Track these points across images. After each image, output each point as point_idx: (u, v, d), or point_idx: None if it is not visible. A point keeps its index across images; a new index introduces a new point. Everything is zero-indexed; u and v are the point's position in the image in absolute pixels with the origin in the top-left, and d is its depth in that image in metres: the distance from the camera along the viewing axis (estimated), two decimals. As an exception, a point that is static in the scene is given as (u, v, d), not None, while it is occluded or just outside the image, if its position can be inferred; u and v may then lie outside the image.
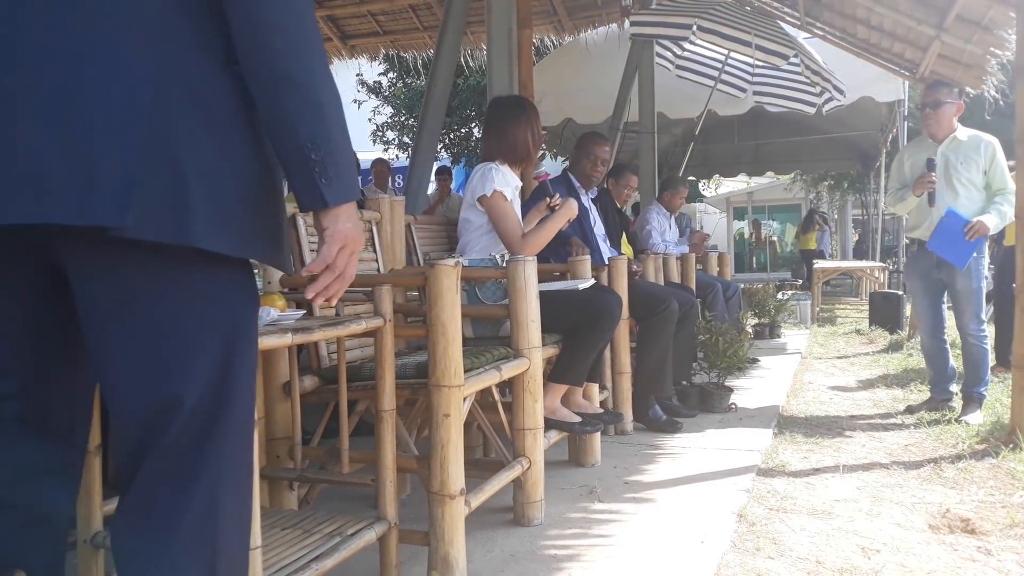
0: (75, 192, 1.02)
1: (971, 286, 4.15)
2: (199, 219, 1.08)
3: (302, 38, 1.13)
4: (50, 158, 1.03)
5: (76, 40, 1.05)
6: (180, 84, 1.09)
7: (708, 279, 5.55)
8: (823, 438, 3.76)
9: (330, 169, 1.14)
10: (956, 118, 4.20)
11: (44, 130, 1.03)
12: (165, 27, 1.10)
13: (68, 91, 1.04)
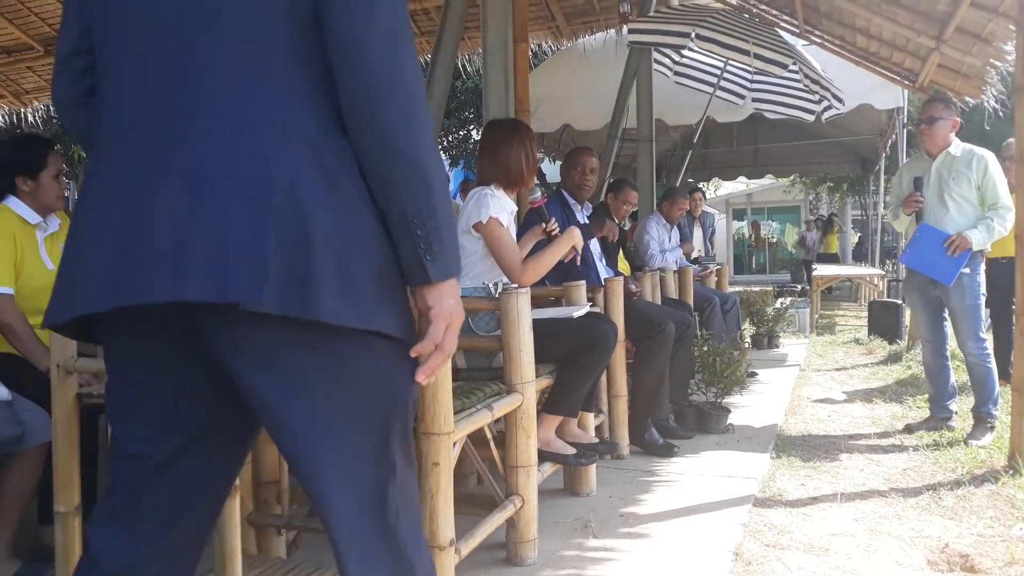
0: (211, 269, 1.02)
1: (965, 303, 4.11)
2: (326, 292, 1.06)
3: (411, 115, 1.11)
4: (186, 235, 1.04)
5: (205, 109, 1.08)
6: (305, 152, 1.09)
7: (705, 293, 5.51)
8: (821, 461, 3.73)
9: (435, 245, 1.12)
10: (952, 134, 4.18)
11: (179, 205, 1.04)
12: (288, 95, 1.11)
13: (200, 164, 1.06)
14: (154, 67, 1.11)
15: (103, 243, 1.08)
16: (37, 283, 2.78)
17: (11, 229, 2.71)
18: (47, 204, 2.84)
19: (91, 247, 1.09)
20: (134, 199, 1.07)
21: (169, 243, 1.03)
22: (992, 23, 4.76)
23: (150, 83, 1.11)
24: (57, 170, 2.87)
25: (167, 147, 1.07)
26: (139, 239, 1.05)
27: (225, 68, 1.09)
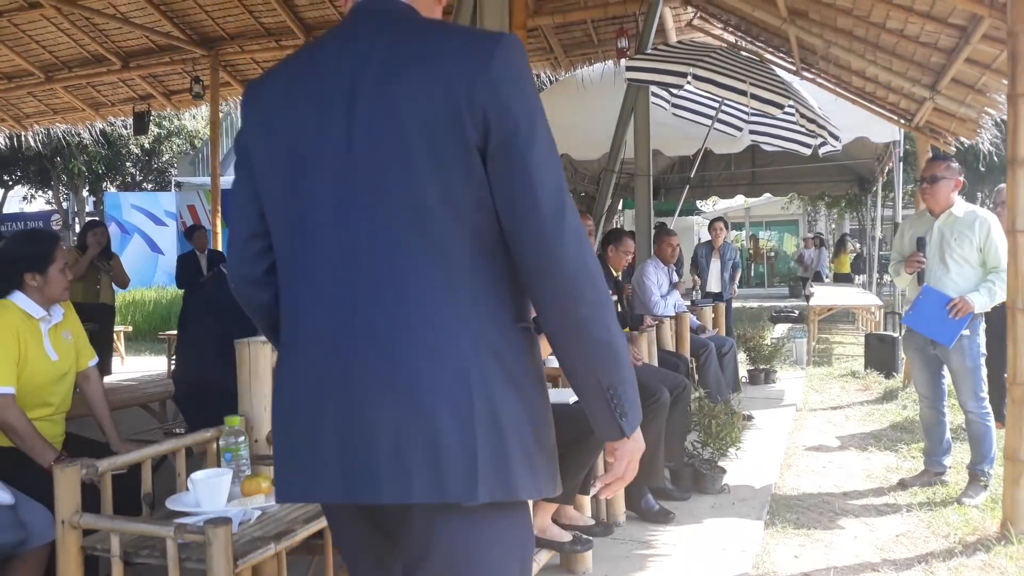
0: (431, 473, 1.18)
1: (965, 365, 4.15)
2: (518, 474, 1.22)
3: (601, 304, 1.25)
4: (405, 443, 1.18)
5: (408, 322, 1.21)
6: (492, 358, 1.23)
7: (701, 339, 5.54)
8: (815, 528, 3.76)
9: (625, 405, 1.28)
10: (955, 193, 4.21)
11: (397, 417, 1.19)
12: (474, 305, 1.23)
13: (411, 378, 1.19)
14: (348, 273, 1.23)
15: (330, 440, 1.22)
16: (41, 377, 2.81)
17: (14, 326, 2.74)
18: (54, 297, 2.88)
19: (318, 440, 1.23)
20: (353, 403, 1.21)
21: (390, 449, 1.18)
22: (986, 76, 4.80)
23: (343, 288, 1.23)
24: (64, 263, 2.91)
25: (374, 356, 1.20)
26: (365, 444, 1.20)
27: (420, 282, 1.21)
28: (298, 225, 1.27)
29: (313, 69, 1.27)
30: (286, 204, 1.28)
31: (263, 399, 2.28)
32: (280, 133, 1.27)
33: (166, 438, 3.64)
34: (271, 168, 1.29)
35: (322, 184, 1.24)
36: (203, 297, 3.83)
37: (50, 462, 2.70)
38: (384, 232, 1.21)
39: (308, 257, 1.26)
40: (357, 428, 1.20)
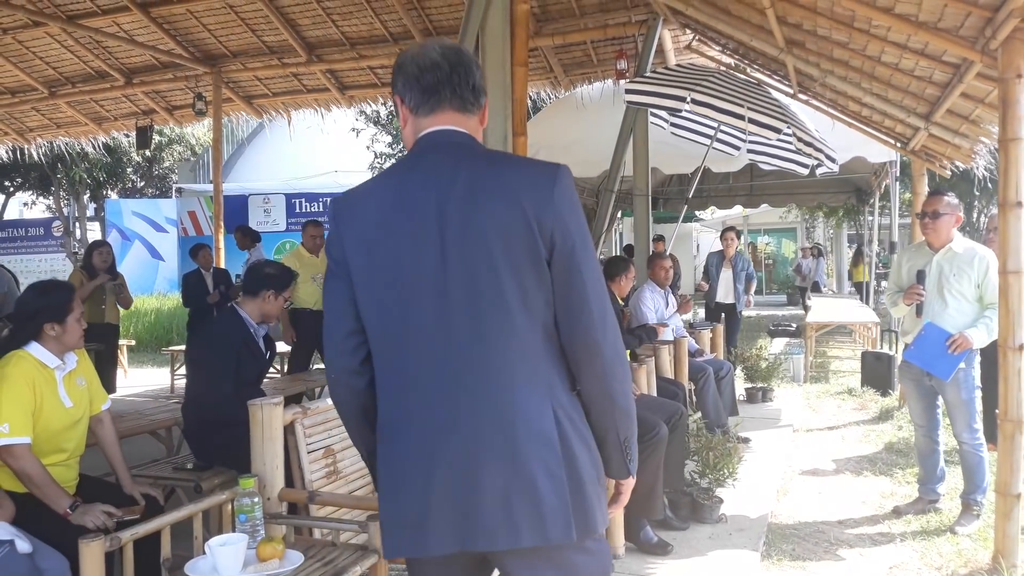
0: (535, 522, 1.49)
1: (960, 397, 4.23)
2: (595, 512, 1.55)
3: (626, 379, 1.63)
4: (511, 498, 1.48)
5: (502, 399, 1.51)
6: (564, 414, 1.54)
7: (699, 364, 5.62)
8: (810, 558, 3.84)
9: (631, 451, 1.66)
10: (955, 228, 4.29)
11: (501, 477, 1.48)
12: (549, 381, 1.55)
13: (509, 444, 1.49)
14: (448, 363, 1.51)
15: (443, 504, 1.49)
16: (56, 424, 2.89)
17: (30, 376, 2.81)
18: (71, 345, 2.96)
19: (432, 505, 1.50)
20: (463, 469, 1.49)
21: (500, 505, 1.48)
22: (979, 108, 4.87)
23: (445, 376, 1.51)
24: (80, 312, 2.99)
25: (478, 432, 1.50)
26: (478, 503, 1.49)
27: (508, 367, 1.52)
28: (400, 324, 1.53)
29: (404, 196, 1.54)
30: (388, 307, 1.54)
31: (275, 458, 2.35)
32: (380, 249, 1.54)
33: (175, 473, 3.73)
34: (371, 277, 1.55)
35: (422, 291, 1.51)
36: (218, 332, 3.90)
37: (65, 509, 2.78)
38: (476, 328, 1.51)
39: (411, 350, 1.53)
40: (469, 491, 1.48)
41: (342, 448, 2.63)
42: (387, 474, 1.56)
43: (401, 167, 1.61)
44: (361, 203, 1.59)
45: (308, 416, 2.51)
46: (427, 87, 1.60)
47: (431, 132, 1.61)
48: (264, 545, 2.04)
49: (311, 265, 6.99)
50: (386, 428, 1.57)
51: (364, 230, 1.55)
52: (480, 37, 4.58)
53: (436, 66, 1.60)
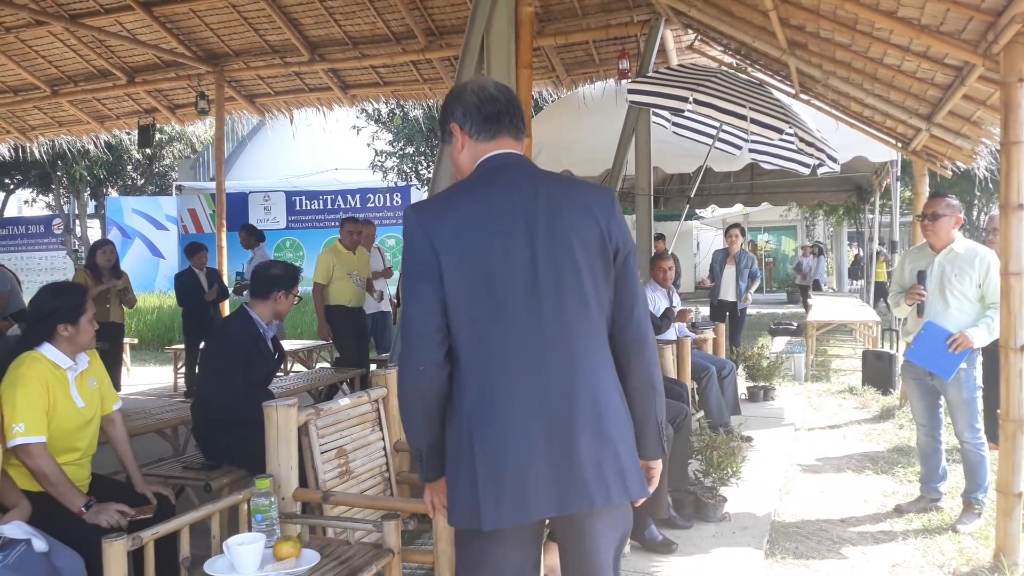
0: (620, 482, 1.77)
1: (962, 397, 4.27)
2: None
3: (659, 365, 1.93)
4: (601, 462, 1.75)
5: (586, 379, 1.78)
6: (621, 396, 1.85)
7: (701, 363, 5.65)
8: (813, 557, 3.88)
9: (665, 434, 1.95)
10: (955, 229, 4.33)
11: (592, 445, 1.75)
12: (608, 361, 1.85)
13: (596, 416, 1.77)
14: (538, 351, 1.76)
15: (543, 474, 1.72)
16: (69, 424, 2.93)
17: (44, 377, 2.85)
18: (83, 345, 3.00)
19: (531, 475, 1.72)
20: (561, 442, 1.73)
21: (594, 471, 1.74)
22: (980, 110, 4.90)
23: (536, 361, 1.76)
24: (92, 313, 3.02)
25: (570, 408, 1.75)
26: (576, 471, 1.73)
27: (587, 354, 1.80)
28: (494, 315, 1.75)
29: (492, 205, 1.79)
30: (482, 300, 1.75)
31: (290, 459, 2.38)
32: (473, 249, 1.75)
33: (184, 472, 3.76)
34: (465, 274, 1.75)
35: (514, 286, 1.75)
36: (229, 332, 3.93)
37: (80, 508, 2.82)
38: (562, 318, 1.77)
39: (504, 338, 1.75)
40: (567, 461, 1.73)
41: (354, 448, 2.66)
42: (484, 452, 1.72)
43: (480, 181, 1.85)
44: (448, 211, 1.80)
45: (321, 417, 2.55)
46: (488, 116, 1.87)
47: (497, 154, 1.87)
48: (281, 544, 2.07)
49: (348, 262, 6.96)
50: (481, 410, 1.74)
51: (456, 233, 1.76)
52: (485, 39, 4.61)
53: (495, 99, 1.89)
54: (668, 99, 6.30)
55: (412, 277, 1.78)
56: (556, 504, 1.72)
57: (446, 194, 1.86)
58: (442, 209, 1.81)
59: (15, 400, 2.77)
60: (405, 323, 1.78)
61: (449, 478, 1.80)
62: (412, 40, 8.06)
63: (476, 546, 1.81)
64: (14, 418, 2.76)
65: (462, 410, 1.76)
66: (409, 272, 1.78)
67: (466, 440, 1.74)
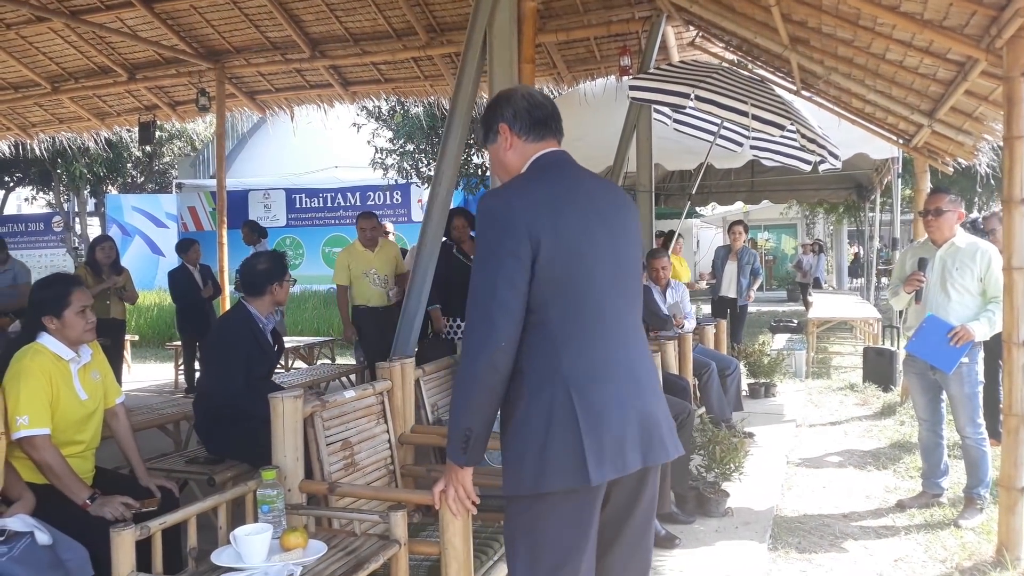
0: (670, 441, 1.99)
1: (963, 391, 4.29)
2: None
3: None
4: (663, 424, 1.99)
5: (646, 352, 2.07)
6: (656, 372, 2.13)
7: (702, 359, 5.65)
8: (816, 551, 3.89)
9: None
10: (957, 224, 4.36)
11: (657, 407, 1.99)
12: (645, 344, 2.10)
13: (656, 387, 2.04)
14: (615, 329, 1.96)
15: (633, 433, 1.90)
16: (72, 416, 2.93)
17: (46, 369, 2.85)
18: (73, 339, 2.96)
19: (626, 435, 1.89)
20: (643, 406, 1.94)
21: (666, 430, 1.98)
22: (983, 106, 4.90)
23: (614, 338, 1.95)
24: (82, 306, 2.97)
25: (643, 378, 1.99)
26: (654, 430, 1.95)
27: (641, 331, 2.07)
28: (586, 295, 1.91)
29: (568, 193, 1.95)
30: (576, 281, 1.89)
31: (296, 450, 2.39)
32: (564, 231, 1.88)
33: (187, 466, 3.76)
34: (559, 258, 1.87)
35: (601, 269, 1.94)
36: (228, 327, 3.92)
37: (84, 500, 2.82)
38: (633, 301, 2.04)
39: (598, 316, 1.92)
40: (648, 421, 1.94)
41: (359, 441, 2.66)
42: (588, 416, 1.84)
43: (545, 174, 1.99)
44: (531, 195, 1.91)
45: (327, 409, 2.55)
46: (537, 120, 2.04)
47: (547, 153, 2.03)
48: (288, 535, 2.07)
49: (364, 260, 6.58)
50: (582, 378, 1.87)
51: (546, 215, 1.87)
52: (487, 34, 4.60)
53: (543, 105, 2.07)
54: (669, 96, 6.29)
55: (500, 255, 1.84)
56: (642, 458, 1.90)
57: (519, 183, 1.98)
58: (526, 196, 1.92)
59: (18, 393, 2.77)
60: (485, 300, 1.84)
61: (529, 447, 1.85)
62: (413, 36, 8.05)
63: (565, 508, 1.87)
64: (18, 410, 2.76)
65: (559, 378, 1.86)
66: (495, 251, 1.85)
67: (563, 406, 1.84)
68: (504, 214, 1.87)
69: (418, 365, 3.19)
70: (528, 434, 1.85)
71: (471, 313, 1.88)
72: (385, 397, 2.77)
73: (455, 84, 4.84)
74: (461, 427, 1.87)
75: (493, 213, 1.89)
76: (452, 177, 4.72)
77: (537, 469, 1.84)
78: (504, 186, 2.01)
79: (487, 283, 1.84)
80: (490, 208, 1.91)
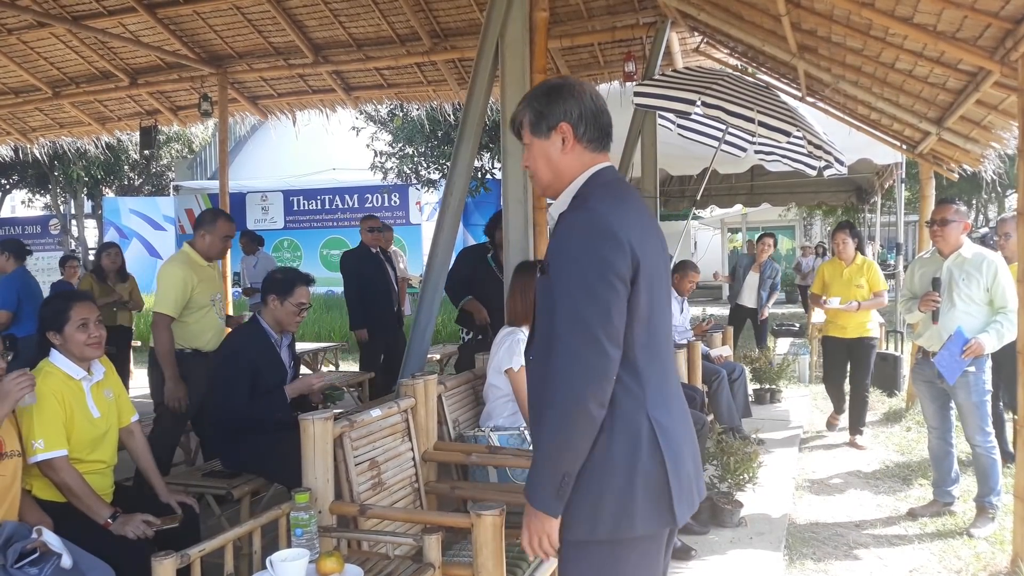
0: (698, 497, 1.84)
1: (971, 400, 4.31)
2: None
3: None
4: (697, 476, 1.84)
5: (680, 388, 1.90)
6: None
7: (712, 367, 5.66)
8: (831, 560, 3.90)
9: None
10: (964, 235, 4.39)
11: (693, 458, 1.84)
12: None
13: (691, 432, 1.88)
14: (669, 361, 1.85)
15: (691, 473, 1.80)
16: (87, 436, 2.92)
17: (57, 390, 2.83)
18: (77, 355, 2.94)
19: (691, 474, 1.80)
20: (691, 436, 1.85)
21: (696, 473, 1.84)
22: (991, 115, 4.92)
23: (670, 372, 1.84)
24: (82, 319, 2.93)
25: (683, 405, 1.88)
26: (698, 461, 1.85)
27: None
28: (658, 328, 1.77)
29: (642, 220, 1.78)
30: (654, 311, 1.74)
31: (326, 472, 2.38)
32: (650, 260, 1.73)
33: (204, 479, 3.75)
34: (647, 284, 1.71)
35: (664, 299, 1.81)
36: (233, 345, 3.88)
37: (106, 519, 2.81)
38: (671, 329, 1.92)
39: (663, 350, 1.81)
40: (698, 456, 1.85)
41: (385, 460, 2.66)
42: (670, 453, 1.73)
43: (619, 193, 1.81)
44: (625, 216, 1.74)
45: (355, 429, 2.54)
46: (603, 128, 1.86)
47: (608, 168, 1.86)
48: (325, 559, 2.07)
49: None
50: (662, 413, 1.75)
51: (638, 238, 1.72)
52: (499, 45, 4.60)
53: (607, 113, 1.88)
54: (675, 102, 6.30)
55: (607, 279, 1.64)
56: (698, 494, 1.83)
57: (606, 199, 1.76)
58: (618, 211, 1.74)
59: (32, 417, 2.76)
60: (590, 327, 1.63)
61: (609, 485, 1.68)
62: (417, 42, 8.04)
63: (646, 552, 1.76)
64: (32, 435, 2.75)
65: (643, 412, 1.71)
66: (602, 273, 1.64)
67: (651, 442, 1.70)
68: (608, 231, 1.67)
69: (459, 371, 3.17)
70: (611, 471, 1.67)
71: (570, 338, 1.64)
72: (409, 415, 2.77)
73: (467, 94, 4.83)
74: (559, 471, 1.64)
75: (594, 227, 1.68)
76: (464, 187, 4.72)
77: (621, 509, 1.67)
78: (594, 201, 1.75)
79: (597, 306, 1.63)
80: (590, 221, 1.69)
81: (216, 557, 2.31)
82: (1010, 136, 5.05)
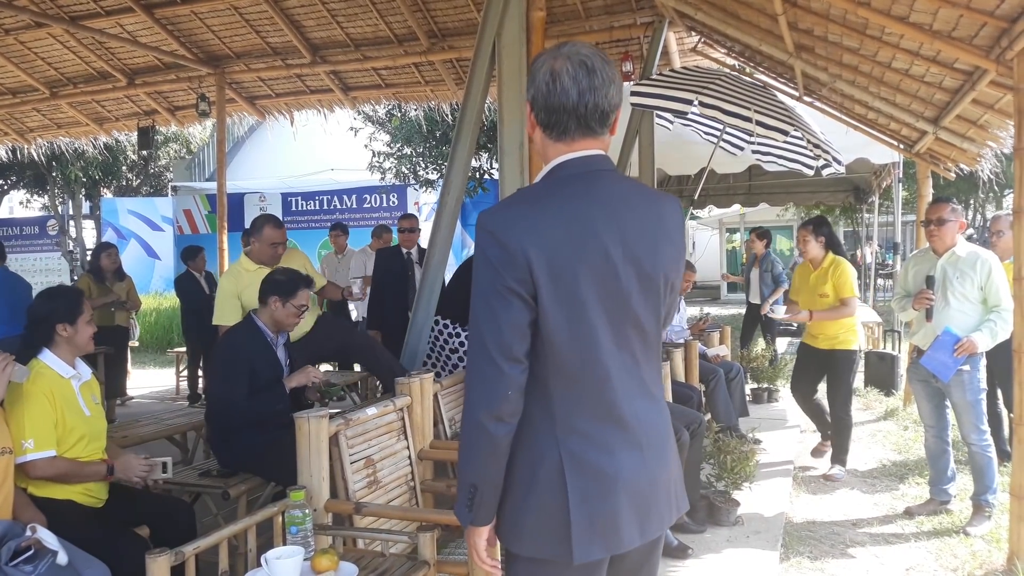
0: (673, 506, 1.71)
1: (966, 399, 4.31)
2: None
3: None
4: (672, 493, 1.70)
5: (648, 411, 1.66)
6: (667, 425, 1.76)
7: (709, 366, 5.67)
8: (827, 558, 3.91)
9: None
10: (959, 234, 4.40)
11: (667, 480, 1.68)
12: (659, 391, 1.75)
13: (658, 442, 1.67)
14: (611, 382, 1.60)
15: (628, 508, 1.61)
16: (79, 431, 2.96)
17: (48, 390, 2.85)
18: (81, 347, 3.02)
19: (619, 509, 1.60)
20: (648, 480, 1.63)
21: (667, 500, 1.68)
22: (988, 114, 4.93)
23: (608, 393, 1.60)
24: (90, 315, 3.06)
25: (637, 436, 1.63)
26: (655, 501, 1.65)
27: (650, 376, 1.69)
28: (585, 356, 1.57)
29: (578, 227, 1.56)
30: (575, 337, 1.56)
31: (321, 470, 2.38)
32: (564, 283, 1.54)
33: (200, 479, 3.76)
34: (554, 310, 1.54)
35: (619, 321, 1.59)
36: (229, 344, 3.88)
37: (103, 475, 2.87)
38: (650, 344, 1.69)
39: (589, 376, 1.59)
40: (650, 493, 1.64)
41: (381, 458, 2.66)
42: (575, 484, 1.58)
43: (553, 193, 1.62)
44: (536, 225, 1.58)
45: (350, 427, 2.55)
46: (554, 112, 1.61)
47: (577, 159, 1.64)
48: (319, 557, 2.07)
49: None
50: (577, 442, 1.59)
51: (548, 250, 1.57)
52: (496, 44, 4.60)
53: (567, 94, 1.59)
54: (672, 102, 6.30)
55: (496, 289, 1.54)
56: (639, 535, 1.64)
57: (528, 200, 1.61)
58: (532, 217, 1.58)
59: (22, 417, 2.79)
60: (483, 339, 1.54)
61: (508, 497, 1.62)
62: (414, 42, 8.04)
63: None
64: (23, 434, 2.78)
65: (551, 441, 1.59)
66: (492, 283, 1.54)
67: (549, 471, 1.58)
68: (497, 239, 1.53)
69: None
70: (510, 487, 1.61)
71: (471, 347, 1.58)
72: (405, 413, 2.77)
73: (464, 94, 4.84)
74: (466, 483, 1.60)
75: (492, 237, 1.54)
76: (461, 187, 4.72)
77: (512, 524, 1.62)
78: (505, 202, 1.63)
79: (488, 318, 1.54)
80: (488, 230, 1.55)
81: (211, 555, 2.32)
82: (1007, 135, 5.06)
